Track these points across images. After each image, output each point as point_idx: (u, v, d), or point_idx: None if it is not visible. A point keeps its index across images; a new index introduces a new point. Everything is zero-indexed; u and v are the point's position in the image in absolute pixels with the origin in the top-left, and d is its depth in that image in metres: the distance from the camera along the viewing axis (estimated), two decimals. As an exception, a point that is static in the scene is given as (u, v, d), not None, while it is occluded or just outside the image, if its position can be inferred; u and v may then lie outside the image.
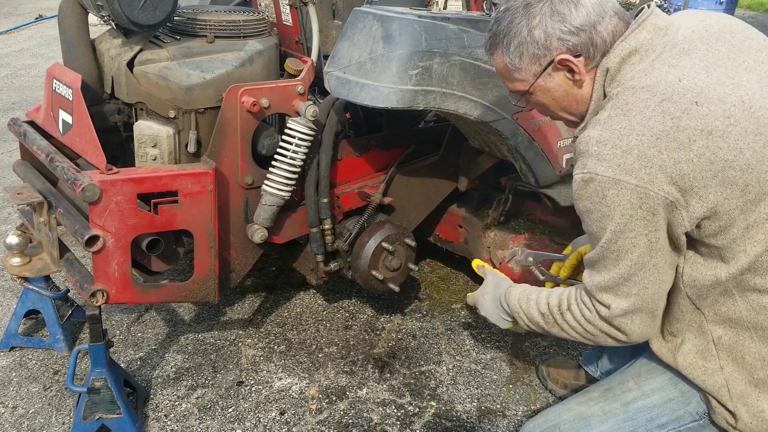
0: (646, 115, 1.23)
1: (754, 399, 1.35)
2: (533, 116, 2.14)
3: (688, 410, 1.43)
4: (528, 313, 1.55)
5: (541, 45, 1.34)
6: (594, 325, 1.40)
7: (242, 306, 2.69)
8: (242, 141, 2.02)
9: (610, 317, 1.36)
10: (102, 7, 1.94)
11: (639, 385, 1.50)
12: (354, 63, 1.97)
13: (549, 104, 1.45)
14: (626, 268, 1.31)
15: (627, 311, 1.34)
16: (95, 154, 1.90)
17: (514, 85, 1.45)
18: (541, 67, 1.37)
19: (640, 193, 1.22)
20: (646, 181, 1.21)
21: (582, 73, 1.36)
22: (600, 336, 1.41)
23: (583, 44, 1.33)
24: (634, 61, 1.32)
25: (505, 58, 1.40)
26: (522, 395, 2.23)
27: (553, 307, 1.48)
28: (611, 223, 1.27)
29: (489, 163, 2.43)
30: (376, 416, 2.12)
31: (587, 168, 1.27)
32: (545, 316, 1.50)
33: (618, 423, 1.46)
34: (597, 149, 1.26)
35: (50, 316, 2.35)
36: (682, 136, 1.21)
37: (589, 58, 1.34)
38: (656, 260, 1.30)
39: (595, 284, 1.37)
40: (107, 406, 1.91)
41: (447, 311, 2.68)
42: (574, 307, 1.44)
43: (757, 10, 12.57)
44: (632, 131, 1.23)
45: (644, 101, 1.25)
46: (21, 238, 2.04)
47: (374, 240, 2.25)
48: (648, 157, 1.21)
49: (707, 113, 1.22)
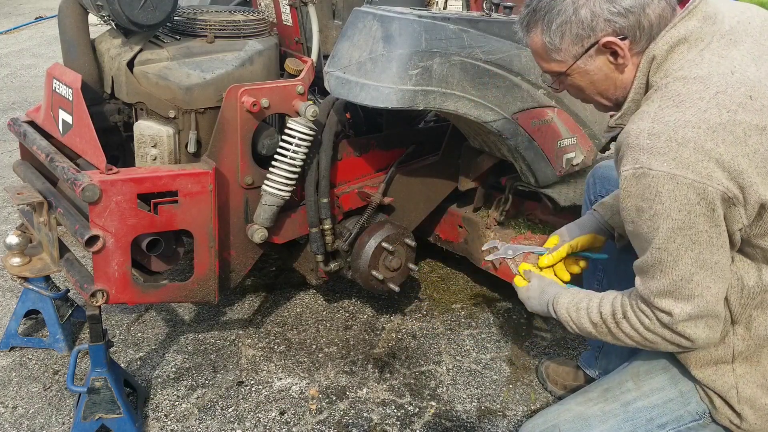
0: (701, 107, 1.17)
1: (763, 402, 1.34)
2: (533, 116, 2.14)
3: (688, 410, 1.43)
4: (578, 323, 1.46)
5: (587, 25, 1.26)
6: (655, 333, 1.30)
7: (242, 306, 2.69)
8: (242, 141, 2.02)
9: (673, 324, 1.26)
10: (102, 7, 1.94)
11: (638, 386, 1.49)
12: (354, 63, 1.97)
13: (585, 87, 1.37)
14: (686, 268, 1.22)
15: (691, 316, 1.25)
16: (95, 154, 1.90)
17: (550, 65, 1.37)
18: (583, 48, 1.30)
19: (698, 189, 1.15)
20: (704, 175, 1.14)
21: (626, 58, 1.29)
22: (661, 343, 1.32)
23: (631, 27, 1.26)
24: (683, 50, 1.26)
25: (544, 37, 1.32)
26: (522, 395, 2.23)
27: (606, 316, 1.38)
28: (667, 221, 1.19)
29: (489, 163, 2.43)
30: (376, 416, 2.12)
31: (639, 162, 1.18)
32: (597, 325, 1.41)
33: (618, 423, 1.46)
34: (650, 142, 1.18)
35: (50, 316, 2.35)
36: (738, 130, 1.15)
37: (634, 42, 1.27)
38: (717, 257, 1.21)
39: (651, 291, 1.27)
40: (107, 406, 1.91)
41: (447, 311, 2.68)
42: (631, 315, 1.34)
43: (757, 10, 12.55)
44: (687, 123, 1.16)
45: (698, 93, 1.19)
46: (21, 238, 2.04)
47: (374, 240, 2.25)
48: (705, 150, 1.14)
49: (761, 108, 1.17)
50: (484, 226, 2.50)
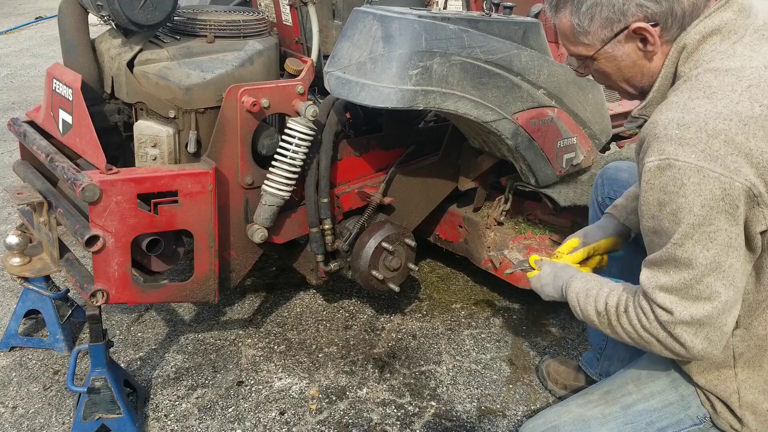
0: (733, 100, 1.13)
1: (765, 408, 1.33)
2: (533, 116, 2.15)
3: (688, 414, 1.42)
4: (584, 310, 1.42)
5: (618, 9, 1.23)
6: (649, 332, 1.26)
7: (242, 306, 2.69)
8: (242, 141, 2.03)
9: (671, 324, 1.21)
10: (102, 7, 1.94)
11: (639, 389, 1.49)
12: (354, 63, 1.97)
13: (612, 73, 1.34)
14: (700, 268, 1.16)
15: (693, 318, 1.19)
16: (95, 154, 1.90)
17: (577, 48, 1.33)
18: (612, 33, 1.26)
19: (724, 184, 1.11)
20: (732, 170, 1.11)
21: (656, 45, 1.25)
22: (655, 345, 1.27)
23: (663, 13, 1.22)
24: (715, 41, 1.23)
25: (573, 18, 1.28)
26: (522, 395, 2.23)
27: (610, 308, 1.34)
28: (689, 216, 1.14)
29: (489, 163, 2.43)
30: (376, 416, 2.12)
31: (665, 153, 1.14)
32: (600, 315, 1.37)
33: (618, 426, 1.45)
34: (678, 133, 1.13)
35: (50, 316, 2.35)
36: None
37: (665, 30, 1.24)
38: (732, 261, 1.17)
39: (658, 285, 1.22)
40: (107, 406, 1.91)
41: (447, 311, 2.68)
42: (631, 311, 1.30)
43: (757, 10, 12.55)
44: (719, 115, 1.12)
45: (730, 85, 1.16)
46: (21, 238, 2.04)
47: (374, 240, 2.25)
48: (736, 143, 1.11)
49: None
50: (484, 226, 2.51)
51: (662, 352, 1.28)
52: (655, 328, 1.25)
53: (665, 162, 1.14)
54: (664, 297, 1.22)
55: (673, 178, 1.14)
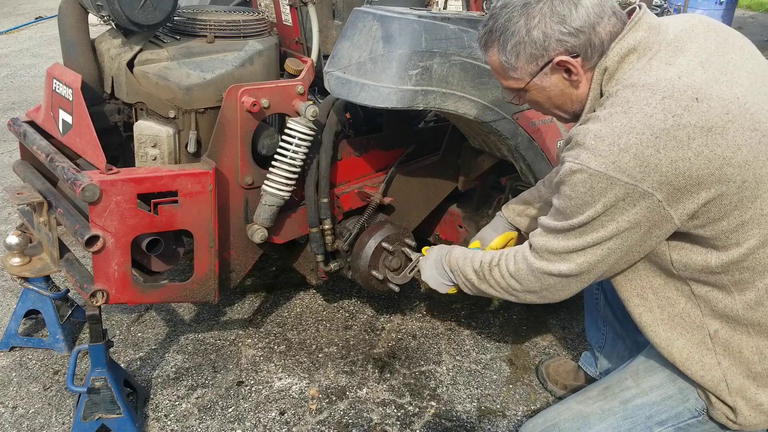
0: (647, 113, 1.22)
1: (753, 393, 1.36)
2: (533, 116, 2.14)
3: (687, 407, 1.44)
4: (463, 271, 1.63)
5: (539, 45, 1.33)
6: (516, 278, 1.47)
7: (242, 306, 2.69)
8: (242, 141, 2.02)
9: (544, 272, 1.41)
10: (102, 7, 1.94)
11: (637, 383, 1.50)
12: (354, 63, 1.97)
13: (543, 102, 1.45)
14: (585, 242, 1.33)
15: (562, 273, 1.39)
16: (95, 154, 1.90)
17: (509, 82, 1.44)
18: (537, 66, 1.36)
19: (629, 189, 1.23)
20: (637, 179, 1.22)
21: (579, 74, 1.35)
22: (520, 292, 1.49)
23: (582, 45, 1.32)
24: (632, 60, 1.32)
25: (500, 56, 1.39)
26: (522, 395, 2.23)
27: (485, 263, 1.56)
28: (590, 210, 1.28)
29: (489, 163, 2.43)
30: (376, 416, 2.12)
31: (580, 159, 1.26)
32: (477, 272, 1.58)
33: (617, 421, 1.47)
34: (594, 143, 1.25)
35: (50, 316, 2.35)
36: (682, 134, 1.20)
37: (586, 59, 1.34)
38: (612, 245, 1.31)
39: (546, 246, 1.39)
40: (107, 406, 1.91)
41: (447, 311, 2.68)
42: (503, 263, 1.51)
43: (758, 10, 12.56)
44: (632, 129, 1.22)
45: (645, 99, 1.24)
46: (21, 238, 2.04)
47: (374, 240, 2.25)
48: (644, 156, 1.21)
49: (707, 110, 1.22)
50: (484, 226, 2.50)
51: (526, 298, 1.50)
52: (526, 273, 1.45)
53: (578, 166, 1.26)
54: (548, 254, 1.40)
55: (583, 180, 1.26)
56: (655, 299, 1.42)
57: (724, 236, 1.28)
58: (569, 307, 2.70)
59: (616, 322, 2.01)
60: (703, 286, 1.36)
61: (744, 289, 1.32)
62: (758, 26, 10.31)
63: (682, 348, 1.40)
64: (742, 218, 1.26)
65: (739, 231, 1.27)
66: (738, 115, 1.23)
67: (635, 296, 1.44)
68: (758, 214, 1.26)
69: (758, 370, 1.36)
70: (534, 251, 1.45)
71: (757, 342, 1.35)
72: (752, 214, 1.26)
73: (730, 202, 1.24)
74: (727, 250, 1.29)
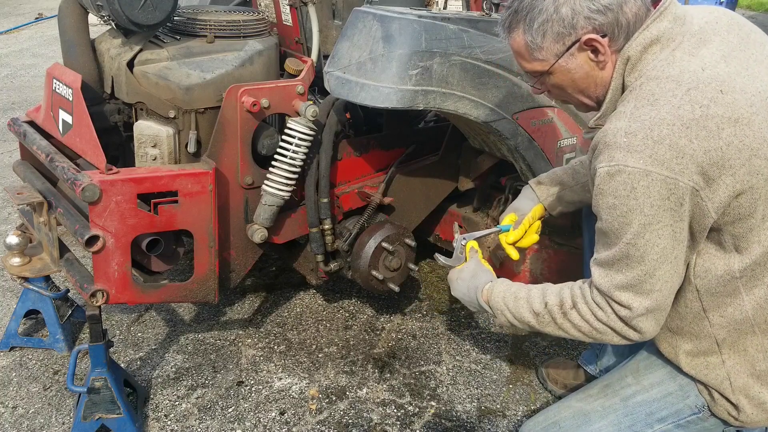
0: (675, 105, 1.20)
1: (756, 391, 1.36)
2: (533, 116, 2.14)
3: (687, 404, 1.44)
4: (516, 313, 1.48)
5: (567, 23, 1.29)
6: (607, 325, 1.34)
7: (242, 306, 2.69)
8: (242, 141, 2.03)
9: (630, 318, 1.30)
10: (102, 7, 1.94)
11: (638, 380, 1.50)
12: (354, 63, 1.97)
13: (567, 86, 1.40)
14: (651, 263, 1.26)
15: (648, 310, 1.29)
16: (95, 154, 1.90)
17: (533, 65, 1.39)
18: (564, 46, 1.32)
19: (670, 184, 1.19)
20: (677, 171, 1.19)
21: (606, 54, 1.32)
22: (609, 335, 1.36)
23: (610, 24, 1.29)
24: (656, 51, 1.30)
25: (526, 36, 1.35)
26: (522, 395, 2.23)
27: (552, 306, 1.41)
28: (639, 217, 1.22)
29: (489, 163, 2.43)
30: (376, 416, 2.12)
31: (615, 160, 1.22)
32: (539, 315, 1.44)
33: (618, 418, 1.47)
34: (627, 140, 1.21)
35: (50, 316, 2.35)
36: (711, 124, 1.19)
37: (613, 39, 1.31)
38: (677, 252, 1.27)
39: (615, 284, 1.30)
40: (107, 406, 1.91)
41: (447, 311, 2.68)
42: (582, 307, 1.37)
43: (758, 10, 12.57)
44: (663, 121, 1.20)
45: (671, 91, 1.23)
46: (21, 238, 2.04)
47: (374, 240, 2.25)
48: (680, 147, 1.18)
49: (733, 101, 1.21)
50: (484, 226, 2.51)
51: (613, 340, 1.37)
52: (613, 320, 1.33)
53: (615, 168, 1.22)
54: (620, 294, 1.30)
55: (623, 182, 1.21)
56: None
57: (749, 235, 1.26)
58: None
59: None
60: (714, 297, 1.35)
61: (753, 287, 1.32)
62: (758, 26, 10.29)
63: (689, 351, 1.40)
64: (765, 212, 1.25)
65: (762, 227, 1.26)
66: (762, 108, 1.22)
67: None
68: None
69: (762, 368, 1.36)
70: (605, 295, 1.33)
71: (762, 340, 1.35)
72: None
73: (760, 196, 1.23)
74: (750, 252, 1.28)
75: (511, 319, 1.51)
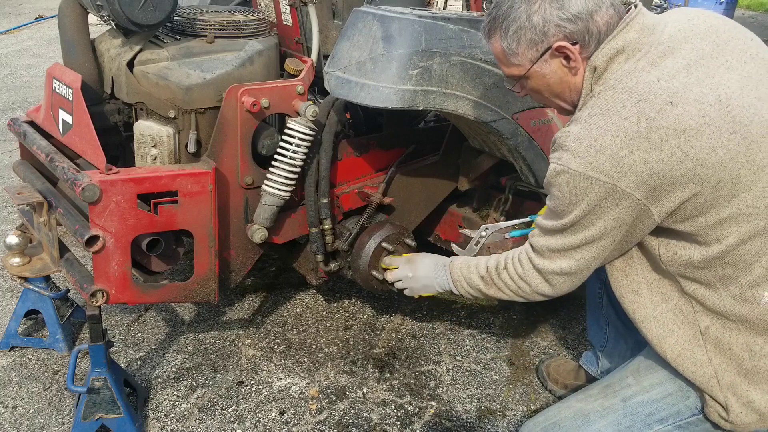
0: (622, 116, 1.27)
1: (744, 389, 1.37)
2: (533, 116, 2.14)
3: (687, 404, 1.44)
4: (469, 279, 1.68)
5: (539, 31, 1.37)
6: (524, 280, 1.53)
7: (242, 306, 2.69)
8: (242, 141, 2.02)
9: (548, 272, 1.47)
10: (102, 7, 1.94)
11: (638, 381, 1.51)
12: (354, 63, 1.97)
13: (543, 90, 1.48)
14: (579, 240, 1.39)
15: (564, 272, 1.45)
16: (95, 154, 1.90)
17: (510, 69, 1.48)
18: (538, 52, 1.40)
19: (608, 188, 1.29)
20: (615, 178, 1.27)
21: (578, 61, 1.39)
22: (530, 293, 1.54)
23: (580, 32, 1.36)
24: (620, 61, 1.35)
25: (503, 42, 1.43)
26: (522, 395, 2.23)
27: (491, 268, 1.61)
28: (577, 209, 1.34)
29: (489, 163, 2.43)
30: (376, 416, 2.12)
31: (562, 161, 1.33)
32: (485, 278, 1.63)
33: (617, 418, 1.47)
34: (573, 145, 1.31)
35: (50, 316, 2.35)
36: (655, 136, 1.24)
37: (584, 47, 1.37)
38: (604, 242, 1.38)
39: (546, 245, 1.46)
40: (107, 406, 1.91)
41: (447, 311, 2.68)
42: (510, 267, 1.56)
43: (757, 10, 12.58)
44: (607, 132, 1.27)
45: (621, 102, 1.29)
46: (21, 238, 2.04)
47: (374, 240, 2.25)
48: (619, 157, 1.26)
49: (681, 113, 1.25)
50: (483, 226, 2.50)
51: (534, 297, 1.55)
52: (531, 275, 1.51)
53: (560, 167, 1.34)
54: (548, 252, 1.47)
55: (566, 181, 1.33)
56: (648, 295, 1.44)
57: (704, 232, 1.31)
58: (569, 307, 2.70)
59: (619, 322, 2.01)
60: (691, 283, 1.39)
61: (728, 284, 1.35)
62: (758, 26, 10.30)
63: (674, 344, 1.42)
64: (719, 216, 1.29)
65: (718, 228, 1.30)
66: (716, 117, 1.25)
67: (629, 292, 1.47)
68: (736, 212, 1.28)
69: (748, 367, 1.37)
70: (536, 252, 1.51)
71: (746, 338, 1.36)
72: (730, 212, 1.28)
73: (705, 201, 1.27)
74: (708, 246, 1.32)
75: (468, 288, 1.70)
